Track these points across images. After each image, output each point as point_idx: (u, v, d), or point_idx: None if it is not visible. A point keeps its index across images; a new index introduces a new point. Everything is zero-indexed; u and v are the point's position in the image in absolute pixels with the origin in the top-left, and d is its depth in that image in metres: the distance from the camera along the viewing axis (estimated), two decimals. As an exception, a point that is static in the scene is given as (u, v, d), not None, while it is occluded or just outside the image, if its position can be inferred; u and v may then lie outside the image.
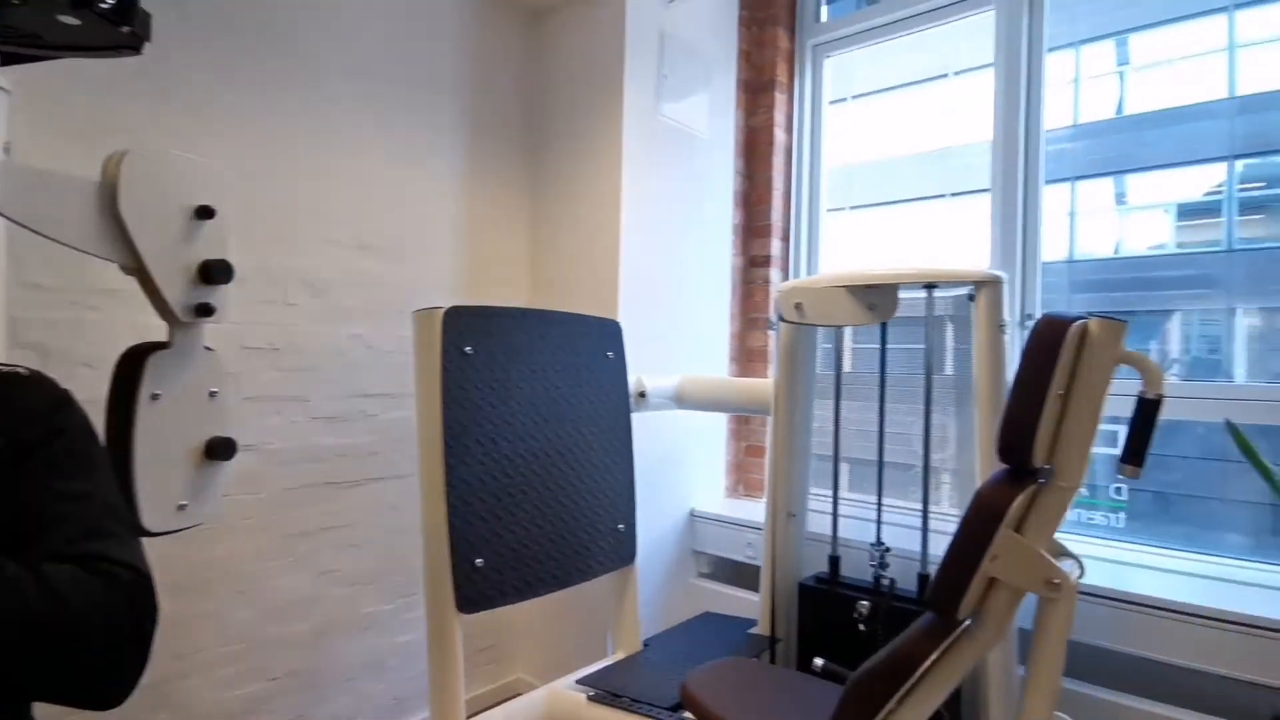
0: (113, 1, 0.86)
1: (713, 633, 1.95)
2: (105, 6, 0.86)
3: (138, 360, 0.98)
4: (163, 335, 1.03)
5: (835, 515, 1.93)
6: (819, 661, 1.63)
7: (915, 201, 2.62)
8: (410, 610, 2.13)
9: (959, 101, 2.41)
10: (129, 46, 0.94)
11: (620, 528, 1.81)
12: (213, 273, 1.02)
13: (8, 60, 0.97)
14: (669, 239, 2.36)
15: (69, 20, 0.85)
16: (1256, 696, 1.52)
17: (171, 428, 1.00)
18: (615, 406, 1.84)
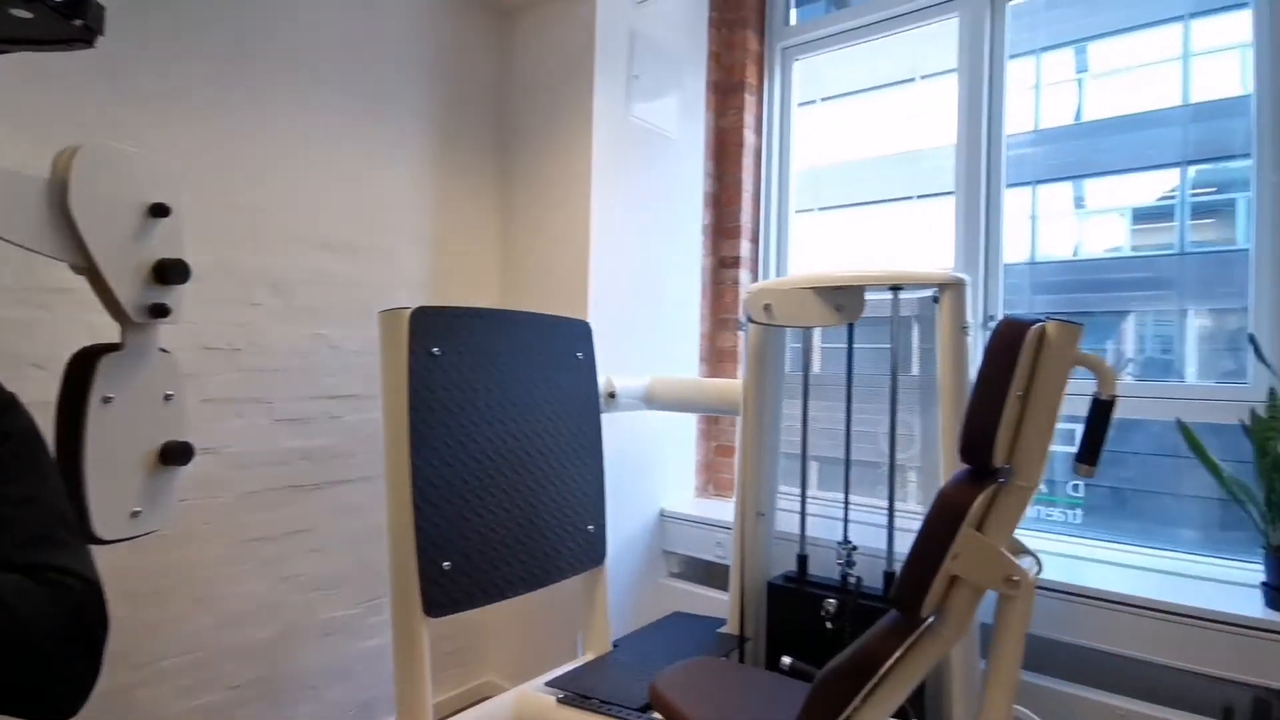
0: (64, -6, 0.83)
1: (682, 633, 1.96)
2: (57, 0, 0.83)
3: (89, 362, 0.95)
4: (117, 336, 1.00)
5: (803, 514, 1.95)
6: (787, 660, 1.65)
7: (883, 203, 2.66)
8: (377, 614, 2.10)
9: (926, 105, 2.44)
10: (81, 40, 0.91)
11: (590, 528, 1.80)
12: (168, 272, 0.99)
13: (-46, 54, 0.93)
14: (639, 239, 2.36)
15: (20, 14, 0.82)
16: (1208, 688, 1.57)
17: (124, 432, 0.97)
18: (585, 407, 1.83)
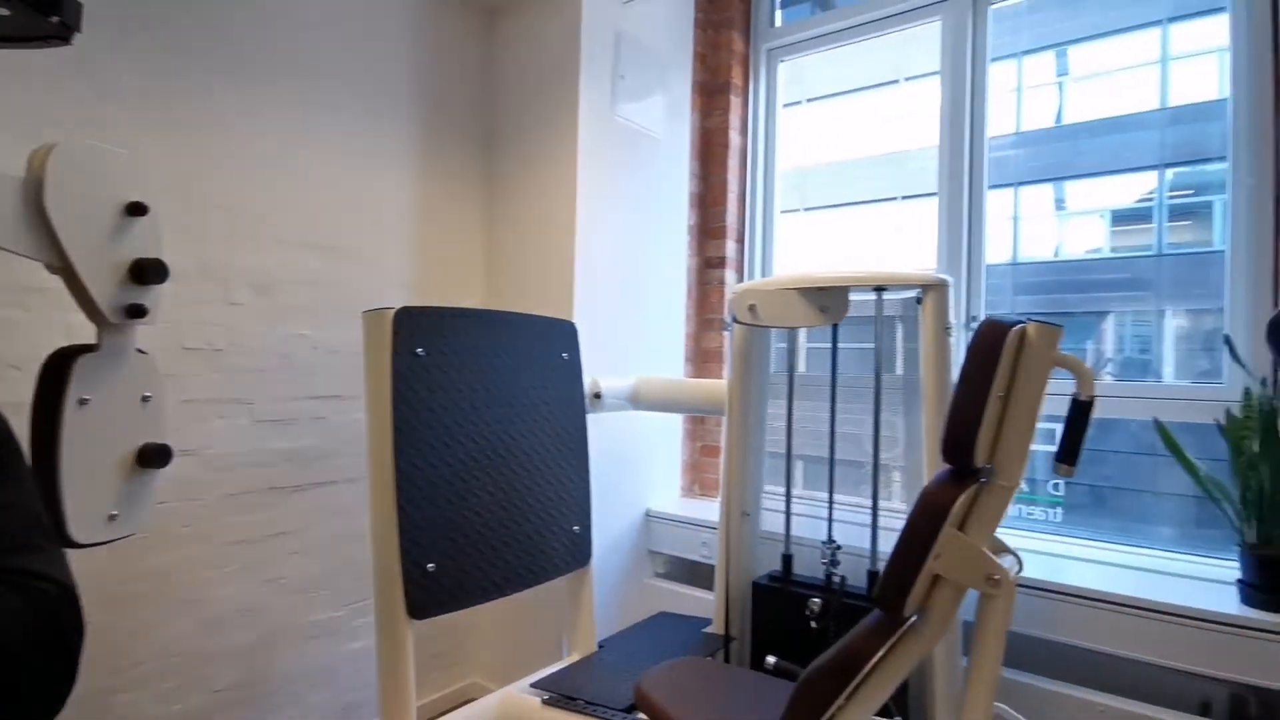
0: (39, -10, 0.82)
1: (667, 633, 1.96)
2: (33, -4, 0.82)
3: (64, 364, 0.94)
4: (94, 337, 0.99)
5: (788, 514, 1.96)
6: (771, 659, 1.66)
7: (867, 204, 2.68)
8: (361, 616, 2.08)
9: (909, 107, 2.46)
10: (58, 37, 0.91)
11: (575, 529, 1.80)
12: (145, 272, 0.98)
13: (-73, 50, 0.92)
14: (625, 240, 2.36)
15: (-3, 10, 0.82)
16: (1186, 684, 1.59)
17: (101, 434, 0.96)
18: (570, 408, 1.83)
